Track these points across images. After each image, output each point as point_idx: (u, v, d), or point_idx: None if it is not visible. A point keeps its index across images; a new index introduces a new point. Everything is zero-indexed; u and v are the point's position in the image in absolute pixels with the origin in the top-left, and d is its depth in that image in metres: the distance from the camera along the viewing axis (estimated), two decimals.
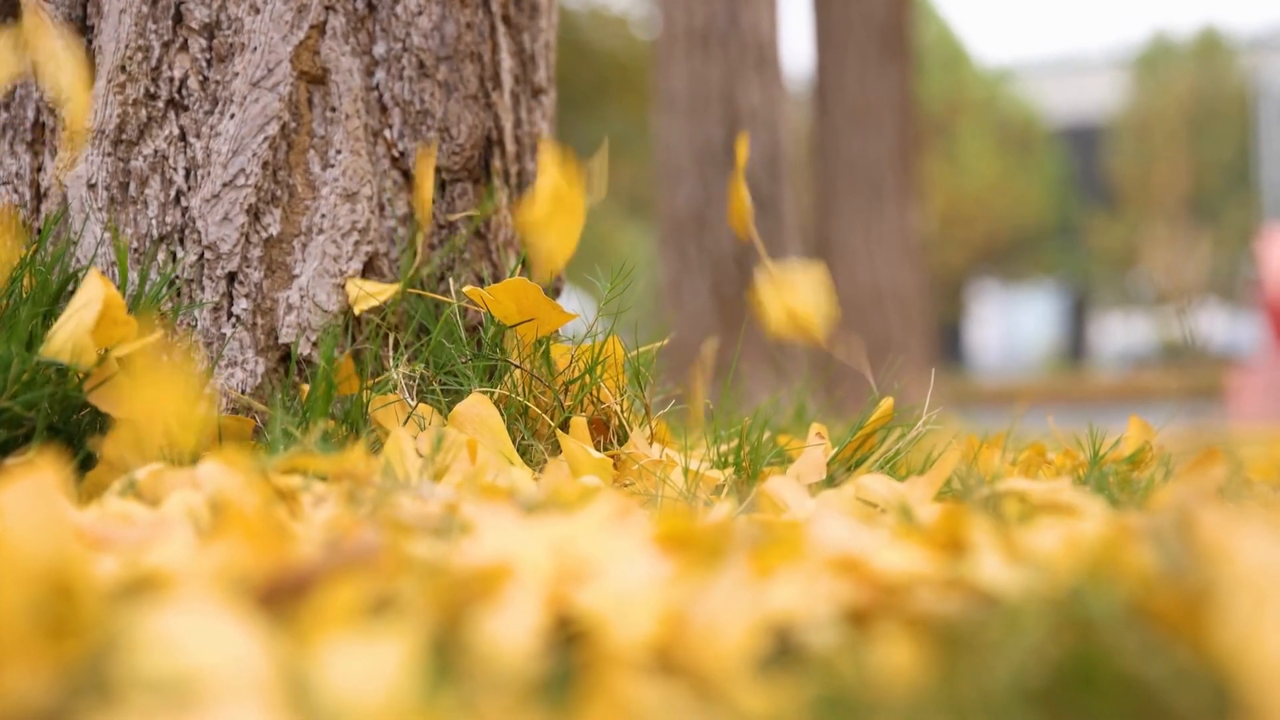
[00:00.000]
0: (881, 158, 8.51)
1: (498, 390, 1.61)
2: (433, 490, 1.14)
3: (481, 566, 0.82)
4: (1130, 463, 1.79)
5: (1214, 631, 0.60)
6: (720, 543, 0.91)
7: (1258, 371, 11.71)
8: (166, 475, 1.24)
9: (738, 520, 1.07)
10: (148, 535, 0.97)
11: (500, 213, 1.88)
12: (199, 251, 1.70)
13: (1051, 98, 31.04)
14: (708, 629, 0.72)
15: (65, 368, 1.45)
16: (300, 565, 0.78)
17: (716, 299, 6.50)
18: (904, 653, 0.69)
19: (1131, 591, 0.70)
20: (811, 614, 0.75)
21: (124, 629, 0.68)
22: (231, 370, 1.69)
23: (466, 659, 0.73)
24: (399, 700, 0.64)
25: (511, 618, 0.76)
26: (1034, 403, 15.78)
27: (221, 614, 0.68)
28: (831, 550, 0.85)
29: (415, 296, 1.75)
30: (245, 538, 0.82)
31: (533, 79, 1.97)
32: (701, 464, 1.59)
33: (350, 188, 1.75)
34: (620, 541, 0.86)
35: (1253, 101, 29.17)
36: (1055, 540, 0.91)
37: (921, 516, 1.13)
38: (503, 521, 0.91)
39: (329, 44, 1.76)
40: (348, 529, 0.99)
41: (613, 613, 0.74)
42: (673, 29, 6.62)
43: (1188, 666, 0.62)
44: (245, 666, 0.65)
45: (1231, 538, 0.62)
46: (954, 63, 29.04)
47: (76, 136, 1.70)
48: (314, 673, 0.65)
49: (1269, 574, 0.59)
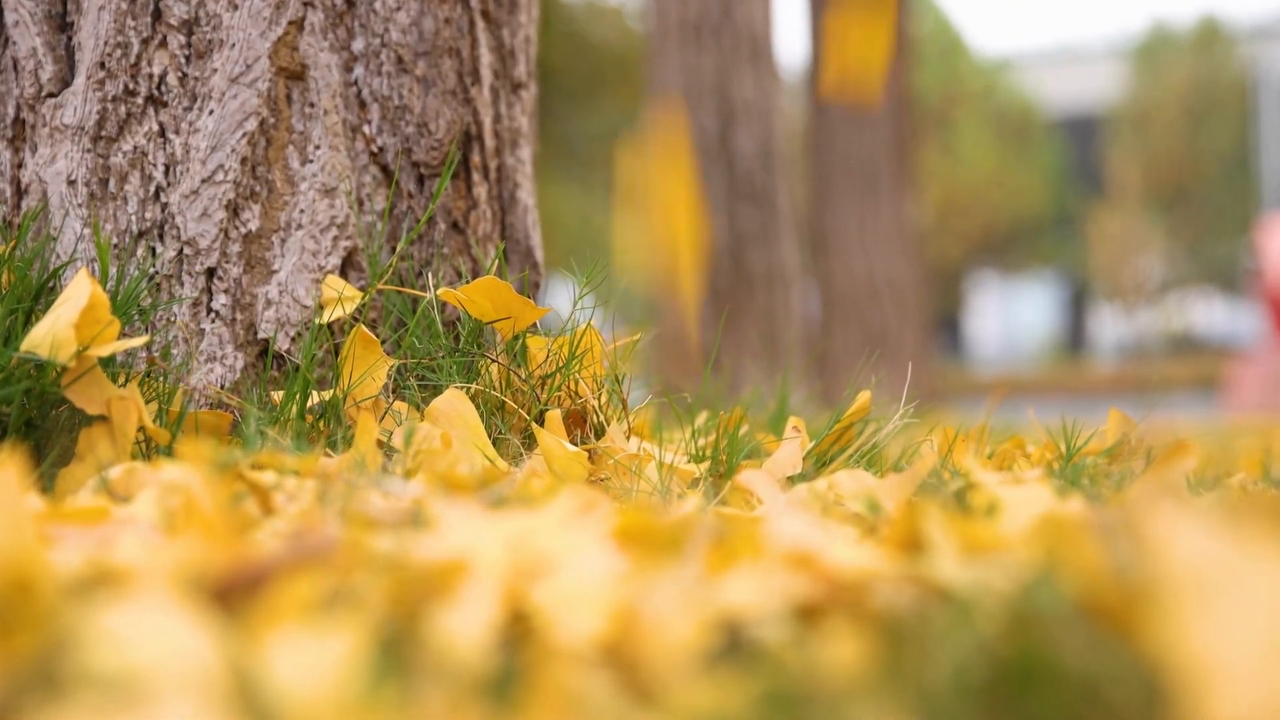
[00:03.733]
0: (877, 149, 8.52)
1: (474, 385, 1.61)
2: (401, 486, 1.15)
3: (438, 562, 0.82)
4: (1109, 455, 1.79)
5: (1148, 627, 0.61)
6: (680, 538, 0.92)
7: (1257, 362, 11.71)
8: (139, 472, 1.25)
9: (701, 515, 1.08)
10: (111, 532, 0.97)
11: (479, 207, 1.89)
12: (178, 247, 1.71)
13: (1049, 88, 31.01)
14: (656, 624, 0.72)
15: (43, 363, 1.45)
16: (255, 561, 0.79)
17: (710, 291, 6.51)
18: (850, 648, 0.70)
19: (1080, 587, 0.71)
20: (762, 609, 0.76)
21: (75, 625, 0.68)
22: (211, 365, 1.69)
23: (421, 654, 0.73)
24: (343, 694, 0.64)
25: (466, 613, 0.76)
26: (1032, 394, 15.71)
27: (172, 610, 0.69)
28: (786, 546, 0.85)
29: (394, 291, 1.76)
30: (203, 534, 0.83)
31: (512, 74, 1.98)
32: (677, 458, 1.59)
33: (329, 183, 1.76)
34: (578, 537, 0.87)
35: (1252, 91, 29.15)
36: (1011, 534, 0.91)
37: (888, 512, 1.13)
38: (463, 517, 0.92)
39: (307, 40, 1.77)
40: (314, 525, 0.99)
41: (563, 608, 0.75)
42: (666, 21, 6.63)
43: (1126, 662, 0.62)
44: (193, 662, 0.65)
45: (1169, 533, 0.62)
46: (951, 53, 29.01)
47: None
48: (261, 667, 0.66)
49: (1202, 570, 0.59)
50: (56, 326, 1.40)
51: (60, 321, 1.40)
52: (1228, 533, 0.63)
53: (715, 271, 6.51)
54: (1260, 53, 29.37)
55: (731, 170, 6.58)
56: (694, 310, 4.03)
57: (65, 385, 1.44)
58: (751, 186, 6.59)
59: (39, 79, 1.76)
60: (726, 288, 6.49)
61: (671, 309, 6.55)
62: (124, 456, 1.42)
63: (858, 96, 1.60)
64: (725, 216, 6.54)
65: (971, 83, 29.19)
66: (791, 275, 6.63)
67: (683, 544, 0.90)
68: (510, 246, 1.95)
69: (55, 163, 1.74)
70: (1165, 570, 0.61)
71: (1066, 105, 31.63)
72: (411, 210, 1.83)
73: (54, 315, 1.42)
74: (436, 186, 1.83)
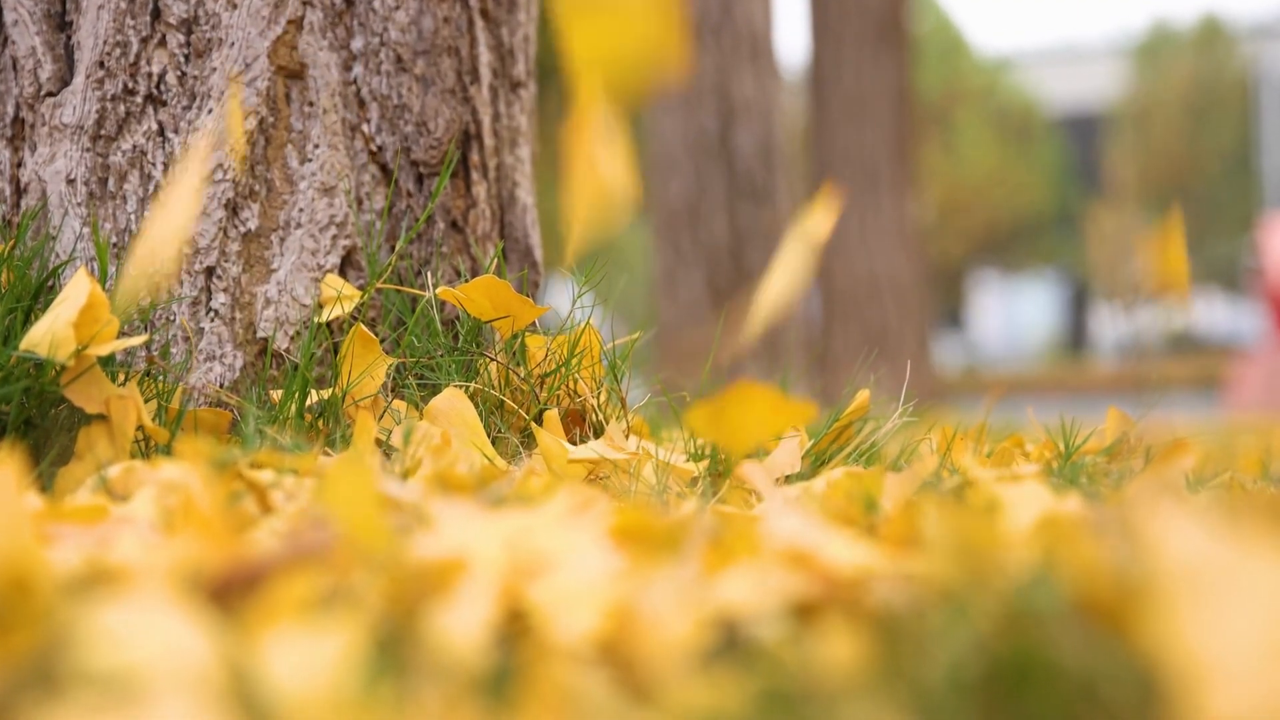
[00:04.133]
0: (878, 148, 8.51)
1: (473, 384, 1.62)
2: (399, 485, 1.15)
3: (436, 560, 0.82)
4: (1108, 454, 1.79)
5: (1144, 625, 0.61)
6: (678, 537, 0.92)
7: (1258, 361, 11.69)
8: (138, 471, 1.25)
9: (698, 514, 1.08)
10: (109, 531, 0.98)
11: (478, 206, 1.89)
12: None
13: (1051, 86, 31.00)
14: (652, 622, 0.72)
15: (42, 362, 1.45)
16: (252, 559, 0.79)
17: (710, 290, 6.51)
18: (846, 646, 0.70)
19: (1077, 585, 0.71)
20: (758, 608, 0.76)
21: (72, 624, 0.68)
22: (210, 364, 1.69)
23: (418, 652, 0.73)
24: (338, 692, 0.64)
25: (463, 612, 0.76)
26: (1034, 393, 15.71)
27: (169, 608, 0.69)
28: (783, 544, 0.85)
29: (393, 289, 1.76)
30: (200, 533, 0.83)
31: (511, 73, 1.98)
32: (676, 457, 1.59)
33: (328, 182, 1.76)
34: (575, 536, 0.87)
35: (1253, 89, 29.15)
36: (1009, 532, 0.91)
37: (886, 510, 1.13)
38: (460, 515, 0.92)
39: (306, 39, 1.77)
40: (311, 524, 0.99)
41: (559, 607, 0.75)
42: None
43: (1121, 660, 0.63)
44: (189, 660, 0.65)
45: (1164, 531, 0.62)
46: (952, 51, 29.01)
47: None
48: (257, 665, 0.66)
49: (1198, 569, 0.59)
50: (55, 325, 1.40)
51: (59, 320, 1.40)
52: (1224, 531, 0.63)
53: (715, 270, 6.51)
54: (1261, 51, 29.36)
55: (732, 169, 6.58)
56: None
57: (64, 384, 1.44)
58: (752, 185, 6.60)
59: (38, 78, 1.76)
60: (726, 286, 6.50)
61: (671, 307, 6.56)
62: (123, 455, 1.42)
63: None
64: (725, 215, 6.54)
65: (973, 81, 29.19)
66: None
67: (680, 542, 0.91)
68: (509, 245, 1.95)
69: (54, 162, 1.74)
70: (1161, 568, 0.61)
71: (1068, 104, 31.63)
72: (410, 209, 1.83)
73: (53, 314, 1.42)
74: (435, 185, 1.83)
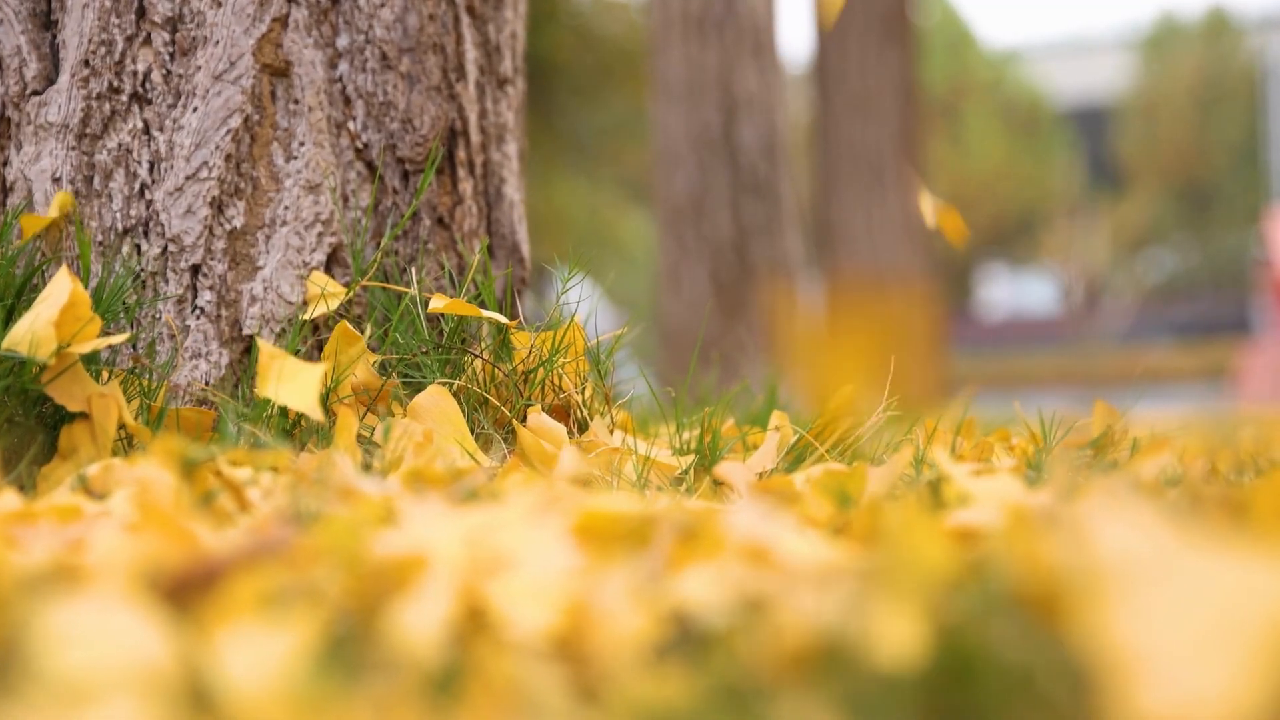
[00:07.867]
0: (883, 142, 8.51)
1: (457, 381, 1.62)
2: (374, 482, 1.15)
3: (396, 557, 0.83)
4: (1094, 447, 1.79)
5: (1077, 618, 0.61)
6: (643, 533, 0.92)
7: (1265, 352, 11.68)
8: (116, 469, 1.25)
9: (667, 509, 1.08)
10: (82, 529, 0.98)
11: (465, 203, 1.89)
12: (163, 244, 1.72)
13: (1058, 79, 30.93)
14: (605, 618, 0.73)
15: (24, 360, 1.46)
16: (211, 556, 0.79)
17: (714, 285, 6.51)
18: (794, 641, 0.70)
19: (1021, 579, 0.71)
20: (712, 603, 0.76)
21: (26, 623, 0.69)
22: (195, 362, 1.70)
23: (376, 649, 0.74)
24: (289, 688, 0.65)
25: (422, 609, 0.77)
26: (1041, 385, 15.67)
27: (123, 607, 0.69)
28: (741, 539, 0.86)
29: (379, 286, 1.76)
30: (160, 530, 0.84)
31: (498, 69, 1.98)
32: (660, 452, 1.60)
33: (313, 180, 1.76)
34: (537, 533, 0.87)
35: (1261, 82, 29.06)
36: (977, 526, 0.92)
37: (858, 505, 1.14)
38: (425, 512, 0.92)
39: (291, 37, 1.77)
40: (275, 520, 1.00)
41: (515, 603, 0.75)
42: (669, 14, 6.62)
43: (1056, 654, 0.63)
44: (142, 659, 0.66)
45: (1100, 525, 0.63)
46: (959, 45, 28.96)
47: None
48: (209, 663, 0.66)
49: (1131, 561, 0.60)
50: (36, 324, 1.41)
51: (40, 319, 1.41)
52: (1165, 525, 0.63)
53: (719, 265, 6.51)
54: (1269, 43, 29.26)
55: (735, 164, 6.58)
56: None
57: (46, 382, 1.44)
58: (755, 179, 6.59)
59: (23, 77, 1.77)
60: (730, 281, 6.49)
61: (675, 302, 6.56)
62: (104, 453, 1.43)
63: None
64: (729, 210, 6.54)
65: (980, 74, 29.14)
66: (795, 268, 6.63)
67: (646, 538, 0.91)
68: (496, 242, 1.95)
69: (40, 160, 1.74)
70: (1093, 561, 0.61)
71: (1075, 96, 31.56)
72: (396, 206, 1.83)
73: (34, 313, 1.43)
74: (421, 182, 1.83)
